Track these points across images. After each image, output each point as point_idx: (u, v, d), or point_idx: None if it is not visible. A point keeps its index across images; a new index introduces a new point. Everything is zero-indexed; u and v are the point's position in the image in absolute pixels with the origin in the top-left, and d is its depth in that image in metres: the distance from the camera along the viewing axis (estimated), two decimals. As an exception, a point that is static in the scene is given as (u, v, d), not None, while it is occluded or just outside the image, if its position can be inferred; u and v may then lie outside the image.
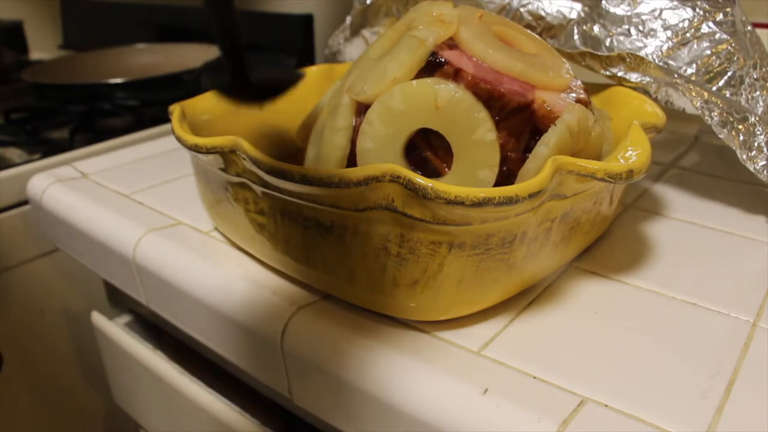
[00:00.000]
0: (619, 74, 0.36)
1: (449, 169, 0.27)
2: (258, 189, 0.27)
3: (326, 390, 0.27)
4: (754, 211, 0.37)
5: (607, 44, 0.36)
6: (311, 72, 0.42)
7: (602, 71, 0.37)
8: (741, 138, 0.34)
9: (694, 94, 0.34)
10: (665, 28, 0.35)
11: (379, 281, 0.26)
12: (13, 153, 0.63)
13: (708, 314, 0.28)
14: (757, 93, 0.34)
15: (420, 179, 0.22)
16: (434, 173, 0.27)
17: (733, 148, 0.34)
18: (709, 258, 0.32)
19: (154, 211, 0.39)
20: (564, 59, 0.30)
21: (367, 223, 0.24)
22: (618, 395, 0.23)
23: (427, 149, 0.27)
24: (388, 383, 0.24)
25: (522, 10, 0.39)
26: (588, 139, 0.28)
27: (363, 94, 0.28)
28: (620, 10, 0.36)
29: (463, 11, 0.29)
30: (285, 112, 0.39)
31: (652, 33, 0.35)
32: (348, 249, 0.26)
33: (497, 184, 0.26)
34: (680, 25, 0.35)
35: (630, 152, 0.27)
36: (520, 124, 0.26)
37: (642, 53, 0.35)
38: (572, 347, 0.26)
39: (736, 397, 0.23)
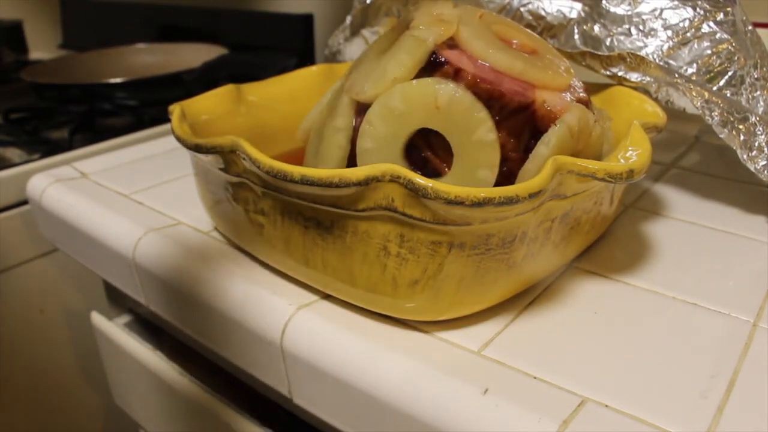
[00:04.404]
0: (620, 74, 0.36)
1: (449, 169, 0.27)
2: (258, 189, 0.27)
3: (326, 390, 0.27)
4: (754, 211, 0.37)
5: (608, 44, 0.36)
6: (311, 72, 0.41)
7: (602, 71, 0.37)
8: (741, 138, 0.34)
9: (694, 93, 0.34)
10: (666, 27, 0.35)
11: (379, 281, 0.26)
12: (12, 153, 0.63)
13: (708, 314, 0.28)
14: (758, 93, 0.34)
15: (420, 179, 0.22)
16: (434, 173, 0.27)
17: (734, 147, 0.34)
18: (709, 258, 0.32)
19: (154, 211, 0.39)
20: (564, 59, 0.30)
21: (367, 223, 0.24)
22: (618, 395, 0.23)
23: (427, 149, 0.27)
24: (388, 383, 0.24)
25: (522, 9, 0.39)
26: (588, 139, 0.28)
27: (363, 94, 0.28)
28: (621, 10, 0.36)
29: (463, 11, 0.29)
30: (285, 112, 0.39)
31: (652, 33, 0.35)
32: (348, 249, 0.26)
33: (497, 184, 0.26)
34: (681, 24, 0.35)
35: (630, 152, 0.27)
36: (520, 124, 0.26)
37: (642, 53, 0.35)
38: (572, 347, 0.26)
39: (736, 397, 0.23)
